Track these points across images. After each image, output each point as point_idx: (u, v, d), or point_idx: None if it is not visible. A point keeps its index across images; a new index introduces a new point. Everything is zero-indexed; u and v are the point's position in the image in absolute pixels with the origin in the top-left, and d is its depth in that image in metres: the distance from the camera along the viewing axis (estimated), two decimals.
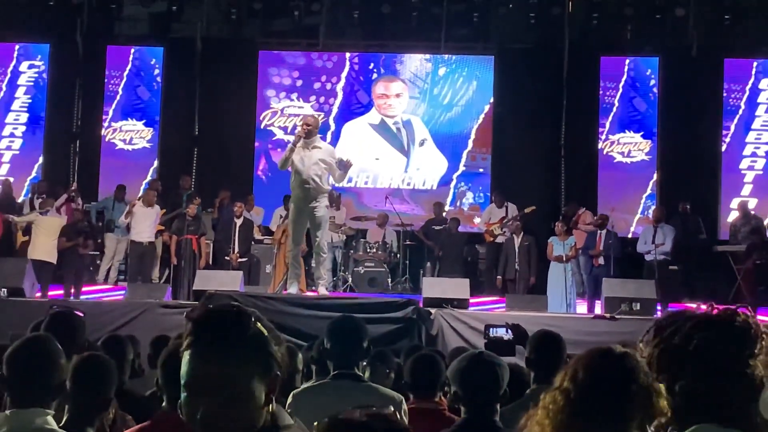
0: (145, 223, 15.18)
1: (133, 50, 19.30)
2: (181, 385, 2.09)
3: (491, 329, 6.84)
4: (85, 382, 3.87)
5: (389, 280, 15.65)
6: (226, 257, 15.28)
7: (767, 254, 14.78)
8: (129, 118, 19.10)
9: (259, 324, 2.13)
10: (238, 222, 15.37)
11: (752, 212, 17.10)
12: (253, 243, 15.90)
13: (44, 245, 14.58)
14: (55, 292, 14.33)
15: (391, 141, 19.18)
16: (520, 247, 15.47)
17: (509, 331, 6.55)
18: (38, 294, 13.44)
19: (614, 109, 18.90)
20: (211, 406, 2.04)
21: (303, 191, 11.59)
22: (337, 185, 12.86)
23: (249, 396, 2.08)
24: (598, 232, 15.47)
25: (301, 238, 12.18)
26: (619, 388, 2.23)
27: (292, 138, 18.41)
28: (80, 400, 3.86)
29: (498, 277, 15.66)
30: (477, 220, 18.19)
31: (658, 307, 12.82)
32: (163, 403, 3.62)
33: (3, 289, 12.37)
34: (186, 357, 2.09)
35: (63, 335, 4.29)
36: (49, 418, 3.35)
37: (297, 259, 12.06)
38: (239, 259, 15.16)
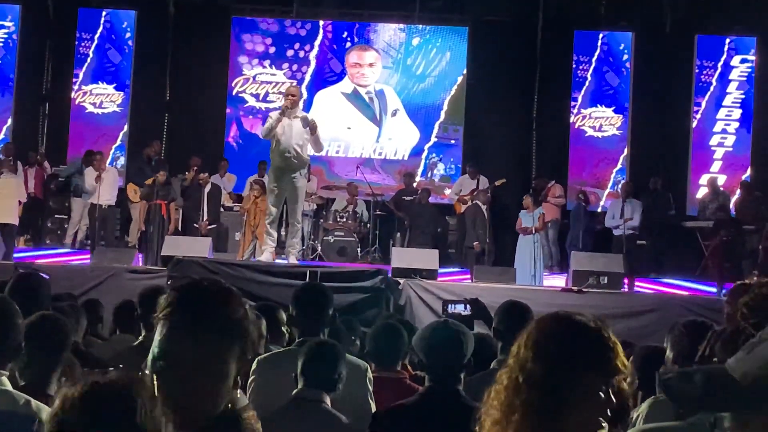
0: (102, 186, 14.98)
1: (104, 13, 19.04)
2: (153, 355, 1.98)
3: (449, 305, 6.78)
4: (36, 341, 3.78)
5: (359, 249, 15.61)
6: (194, 224, 15.19)
7: (734, 231, 14.87)
8: (99, 82, 18.89)
9: (247, 306, 2.05)
10: (207, 189, 15.28)
11: (721, 188, 17.20)
12: (222, 210, 15.82)
13: (1, 207, 14.20)
14: (19, 254, 14.09)
15: (364, 110, 19.10)
16: (489, 218, 15.34)
17: (467, 306, 6.52)
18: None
19: (587, 83, 18.92)
20: (182, 382, 1.94)
21: (284, 161, 11.51)
22: (316, 154, 12.81)
23: (222, 377, 1.99)
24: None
25: (280, 208, 12.04)
26: (592, 356, 2.14)
27: (263, 105, 18.51)
28: (33, 360, 3.77)
29: (475, 242, 15.36)
30: (447, 191, 18.18)
31: (625, 281, 12.88)
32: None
33: None
34: (162, 329, 1.99)
35: (26, 297, 4.25)
36: (4, 379, 3.28)
37: (273, 227, 11.97)
38: (208, 226, 15.09)
